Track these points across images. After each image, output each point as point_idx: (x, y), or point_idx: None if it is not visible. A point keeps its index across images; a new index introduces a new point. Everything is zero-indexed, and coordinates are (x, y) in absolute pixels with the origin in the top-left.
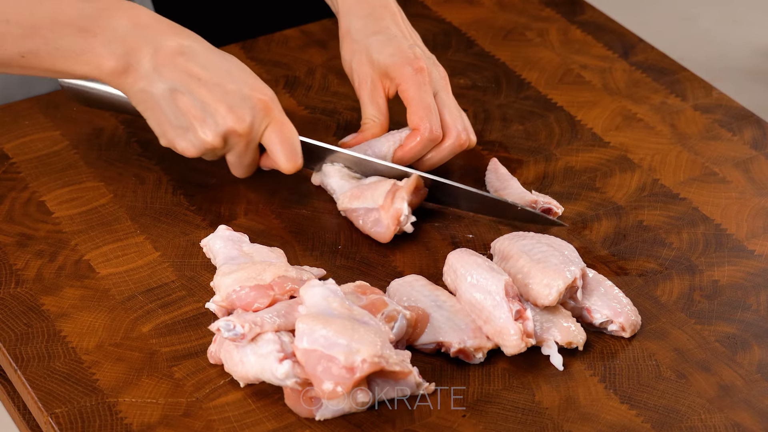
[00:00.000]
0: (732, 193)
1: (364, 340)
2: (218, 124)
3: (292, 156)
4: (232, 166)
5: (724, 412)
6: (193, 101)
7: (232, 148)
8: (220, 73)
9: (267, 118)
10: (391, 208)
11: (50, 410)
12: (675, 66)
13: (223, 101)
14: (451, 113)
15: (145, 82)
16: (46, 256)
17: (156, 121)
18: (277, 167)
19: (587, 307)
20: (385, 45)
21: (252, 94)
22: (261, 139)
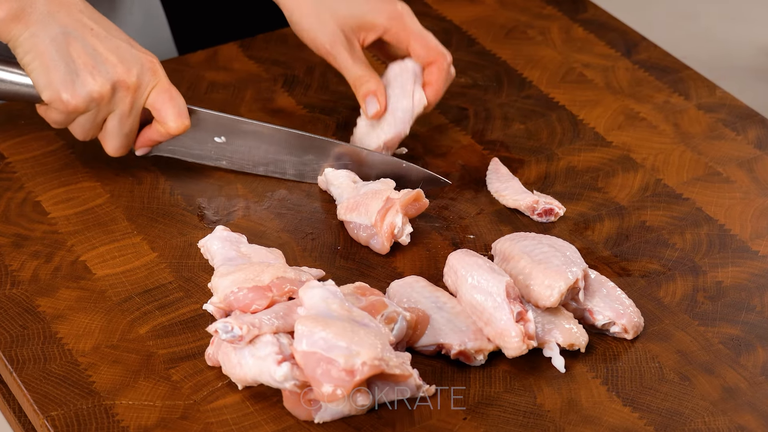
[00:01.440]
0: (736, 193)
1: (364, 342)
2: (108, 72)
3: (180, 115)
4: (110, 137)
5: (728, 414)
6: (85, 47)
7: (116, 106)
8: (111, 30)
9: (154, 78)
10: (384, 226)
11: (46, 413)
12: (678, 64)
13: (114, 52)
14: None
15: (37, 26)
16: (42, 257)
17: (42, 69)
18: (164, 129)
19: (589, 308)
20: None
21: (141, 54)
22: (147, 100)
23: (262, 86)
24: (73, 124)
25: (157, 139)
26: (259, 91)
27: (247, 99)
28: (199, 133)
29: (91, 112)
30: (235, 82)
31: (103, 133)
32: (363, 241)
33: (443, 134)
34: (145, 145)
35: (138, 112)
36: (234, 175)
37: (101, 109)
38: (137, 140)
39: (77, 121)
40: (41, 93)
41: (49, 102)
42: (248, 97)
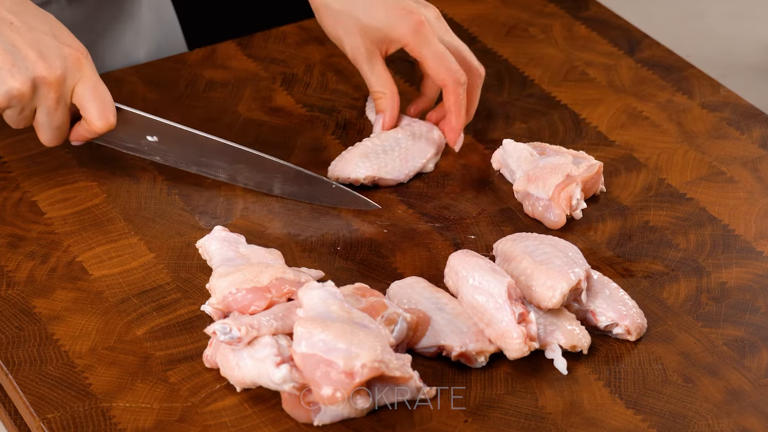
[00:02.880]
0: (740, 193)
1: (363, 344)
2: (27, 68)
3: (104, 112)
4: (42, 129)
5: (731, 417)
6: (3, 44)
7: (41, 102)
8: (34, 21)
9: (79, 72)
10: (561, 197)
11: (42, 415)
12: (682, 63)
13: (34, 47)
14: (462, 51)
15: None
16: (38, 258)
17: None
18: (89, 126)
19: (592, 309)
20: (373, 6)
21: (65, 47)
22: (72, 95)
23: (260, 85)
24: (4, 115)
25: (86, 135)
26: (257, 89)
27: (245, 97)
28: (131, 131)
29: (16, 108)
30: (234, 80)
31: (35, 124)
32: (538, 216)
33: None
34: (79, 139)
35: (65, 107)
36: None
37: (25, 105)
38: (71, 133)
39: (5, 114)
40: None
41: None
42: (247, 96)
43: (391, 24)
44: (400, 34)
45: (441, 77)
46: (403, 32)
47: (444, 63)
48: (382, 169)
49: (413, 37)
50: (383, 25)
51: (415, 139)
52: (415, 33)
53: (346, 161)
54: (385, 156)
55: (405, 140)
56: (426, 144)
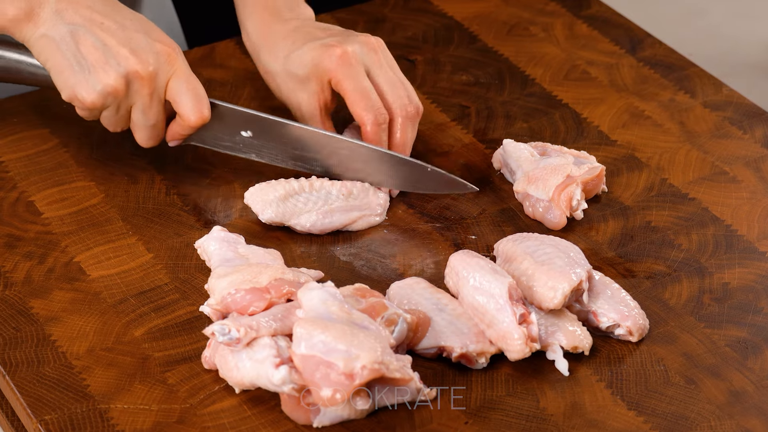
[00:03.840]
0: (743, 193)
1: (363, 345)
2: (120, 65)
3: (198, 106)
4: (138, 128)
5: (734, 418)
6: (95, 43)
7: (135, 98)
8: (124, 21)
9: (171, 67)
10: (561, 198)
11: (39, 417)
12: (684, 62)
13: (126, 44)
14: (391, 88)
15: (46, 26)
16: (36, 258)
17: (57, 68)
18: (183, 121)
19: (593, 310)
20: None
21: (156, 43)
22: (166, 91)
23: (259, 84)
24: (101, 118)
25: (181, 132)
26: (256, 89)
27: (244, 97)
28: (225, 126)
29: (112, 107)
30: (233, 79)
31: (132, 125)
32: (538, 217)
33: (444, 133)
34: (174, 137)
35: (159, 103)
36: (232, 174)
37: (121, 103)
38: (167, 134)
39: (103, 116)
40: (61, 92)
41: (68, 100)
42: (246, 95)
43: (315, 63)
44: (323, 70)
45: (358, 114)
46: (327, 67)
47: (363, 101)
48: (293, 218)
49: (335, 72)
50: (311, 69)
51: (348, 199)
52: (336, 67)
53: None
54: (304, 205)
55: (335, 198)
56: (356, 205)
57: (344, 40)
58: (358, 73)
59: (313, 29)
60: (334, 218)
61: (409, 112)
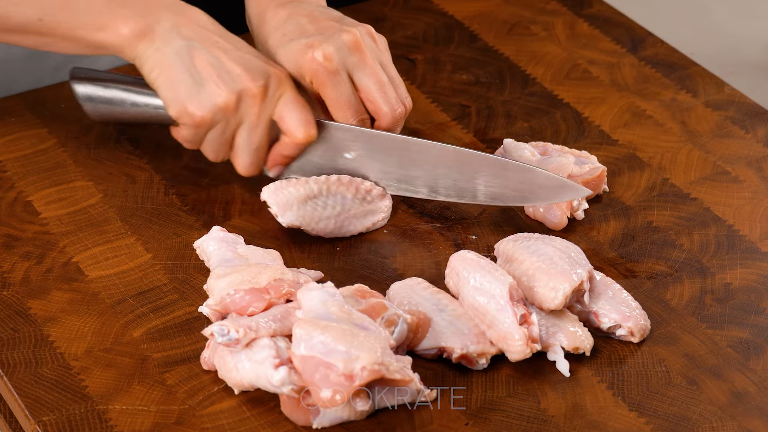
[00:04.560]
0: (745, 193)
1: (363, 346)
2: (233, 81)
3: (306, 122)
4: (240, 152)
5: (736, 419)
6: (209, 59)
7: (243, 116)
8: (238, 43)
9: (281, 87)
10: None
11: (38, 418)
12: (686, 61)
13: (239, 63)
14: (377, 89)
15: (162, 41)
16: (34, 258)
17: (168, 83)
18: (290, 138)
19: (594, 311)
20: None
21: (267, 65)
22: (274, 111)
23: None
24: (204, 142)
25: (286, 152)
26: None
27: None
28: (327, 149)
29: (219, 125)
30: None
31: (233, 151)
32: (539, 217)
33: (445, 132)
34: (277, 162)
35: (266, 124)
36: (231, 174)
37: (229, 121)
38: (269, 158)
39: (207, 138)
40: (168, 108)
41: (177, 117)
42: None
43: (297, 66)
44: (304, 73)
45: (338, 119)
46: (306, 71)
47: (341, 110)
48: (311, 223)
49: (314, 78)
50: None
51: (364, 204)
52: (315, 73)
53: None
54: (323, 210)
55: (351, 203)
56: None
57: (327, 38)
58: (337, 80)
59: (304, 20)
60: (351, 225)
61: (396, 114)
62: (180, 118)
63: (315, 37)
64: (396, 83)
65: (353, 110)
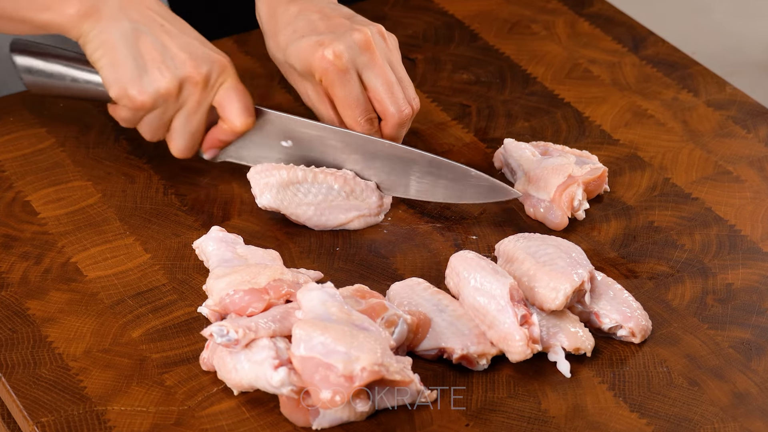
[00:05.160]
0: (746, 193)
1: (363, 347)
2: (177, 67)
3: (245, 111)
4: (176, 135)
5: (738, 420)
6: (154, 43)
7: (184, 102)
8: (183, 28)
9: (224, 75)
10: (563, 197)
11: (36, 419)
12: (687, 60)
13: (184, 49)
14: (386, 90)
15: (108, 22)
16: (32, 259)
17: (111, 65)
18: (228, 126)
19: (595, 311)
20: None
21: (211, 52)
22: (215, 98)
23: (258, 82)
24: (141, 123)
25: (223, 138)
26: (255, 87)
27: None
28: (264, 136)
29: (158, 109)
30: None
31: (169, 134)
32: (539, 217)
33: (445, 132)
34: (213, 146)
35: (205, 110)
36: (230, 173)
37: (169, 106)
38: (204, 141)
39: (145, 120)
40: (109, 89)
41: (117, 99)
42: None
43: (308, 63)
44: (314, 71)
45: (346, 122)
46: (316, 68)
47: (350, 109)
48: (289, 207)
49: (323, 76)
50: (305, 64)
51: (350, 198)
52: (325, 71)
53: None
54: (304, 197)
55: (337, 194)
56: (355, 204)
57: (338, 37)
58: (346, 79)
59: (315, 16)
60: (332, 215)
61: (404, 115)
62: (120, 100)
63: (326, 35)
64: (404, 84)
65: (361, 109)
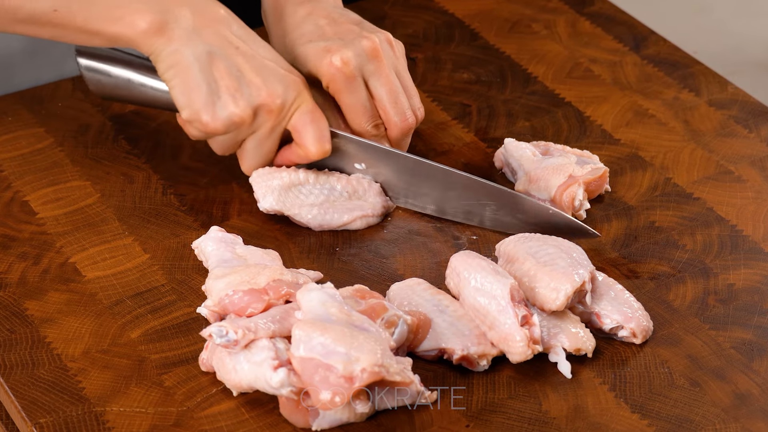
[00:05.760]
0: (748, 193)
1: (363, 348)
2: (252, 95)
3: (321, 138)
4: (248, 156)
5: (740, 421)
6: (228, 68)
7: (257, 128)
8: (258, 48)
9: (299, 99)
10: (564, 197)
11: (34, 420)
12: (688, 59)
13: (259, 74)
14: (390, 98)
15: (180, 42)
16: (30, 259)
17: (184, 87)
18: (303, 152)
19: (596, 312)
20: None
21: (287, 74)
22: (290, 122)
23: None
24: (212, 141)
25: (296, 161)
26: None
27: None
28: (337, 158)
29: (231, 133)
30: None
31: (241, 151)
32: None
33: (445, 131)
34: (283, 164)
35: (278, 135)
36: (229, 173)
37: (242, 132)
38: (276, 159)
39: (216, 139)
40: (181, 111)
41: (188, 121)
42: None
43: (315, 70)
44: (321, 77)
45: (354, 129)
46: (323, 75)
47: (357, 116)
48: (292, 209)
49: (331, 83)
50: (312, 74)
51: (353, 198)
52: (332, 78)
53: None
54: (306, 198)
55: (339, 194)
56: (358, 205)
57: (346, 44)
58: (354, 86)
59: (323, 21)
60: (335, 215)
61: (407, 124)
62: (192, 123)
63: (334, 42)
64: (410, 93)
65: (368, 116)
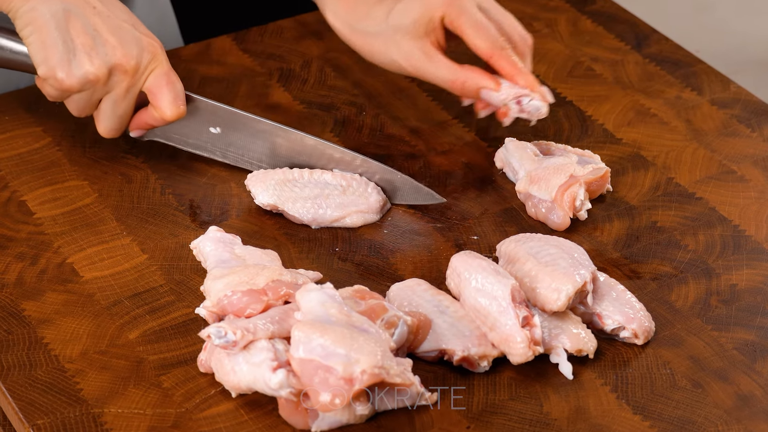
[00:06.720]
0: (751, 193)
1: (363, 349)
2: (107, 54)
3: (176, 100)
4: (103, 117)
5: (742, 423)
6: (85, 27)
7: (112, 88)
8: (116, 10)
9: (154, 61)
10: (565, 198)
11: (32, 421)
12: (691, 58)
13: (115, 34)
14: (506, 19)
15: (37, 0)
16: (28, 259)
17: (40, 44)
18: (159, 114)
19: (598, 312)
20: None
21: (143, 37)
22: (144, 84)
23: (256, 81)
24: (68, 100)
25: (152, 123)
26: (253, 86)
27: (241, 94)
28: (194, 122)
29: (86, 92)
30: (229, 76)
31: (97, 113)
32: (541, 218)
33: (446, 131)
34: (140, 127)
35: (134, 96)
36: (228, 173)
37: (97, 90)
38: (132, 122)
39: (72, 98)
40: (37, 68)
41: (44, 78)
42: (242, 92)
43: (426, 6)
44: (434, 7)
45: (479, 46)
46: (438, 6)
47: (481, 33)
48: (287, 202)
49: (448, 10)
50: (420, 11)
51: (345, 191)
52: (448, 5)
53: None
54: (300, 191)
55: (332, 189)
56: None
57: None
58: (472, 7)
59: None
60: (329, 210)
61: (528, 41)
62: (47, 80)
63: None
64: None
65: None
